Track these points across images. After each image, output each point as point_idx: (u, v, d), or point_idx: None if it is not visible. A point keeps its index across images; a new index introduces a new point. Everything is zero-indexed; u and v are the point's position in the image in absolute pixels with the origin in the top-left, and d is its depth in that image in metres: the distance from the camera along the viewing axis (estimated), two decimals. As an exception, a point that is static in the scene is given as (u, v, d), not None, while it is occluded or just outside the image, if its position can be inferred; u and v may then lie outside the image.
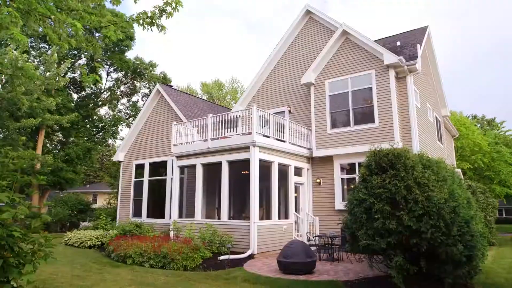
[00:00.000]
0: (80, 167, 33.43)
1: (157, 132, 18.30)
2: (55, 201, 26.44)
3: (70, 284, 7.72)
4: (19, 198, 3.10)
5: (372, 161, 7.19)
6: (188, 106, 18.81)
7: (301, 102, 15.43)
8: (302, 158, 14.03)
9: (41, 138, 28.17)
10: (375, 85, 12.92)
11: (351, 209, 7.33)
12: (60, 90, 29.27)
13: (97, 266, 10.10)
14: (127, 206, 18.78)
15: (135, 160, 19.01)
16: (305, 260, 8.52)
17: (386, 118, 12.49)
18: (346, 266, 9.54)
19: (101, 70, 35.44)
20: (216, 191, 15.38)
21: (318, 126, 14.11)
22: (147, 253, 10.33)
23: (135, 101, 38.29)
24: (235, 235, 11.58)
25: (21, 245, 2.90)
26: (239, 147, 12.08)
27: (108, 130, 35.44)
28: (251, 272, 8.93)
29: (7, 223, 2.81)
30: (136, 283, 7.85)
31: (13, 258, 2.78)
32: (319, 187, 14.03)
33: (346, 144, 13.25)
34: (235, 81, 49.89)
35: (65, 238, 15.69)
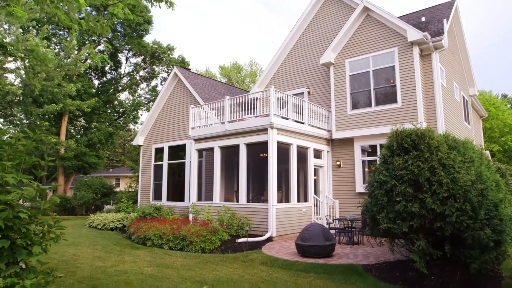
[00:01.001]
0: (103, 151, 34.20)
1: (175, 115, 18.32)
2: (80, 184, 27.14)
3: (91, 265, 7.87)
4: (27, 179, 3.04)
5: (393, 141, 6.88)
6: (206, 89, 18.68)
7: (320, 83, 15.03)
8: (321, 140, 13.74)
9: (64, 123, 28.84)
10: (398, 64, 12.38)
11: (371, 192, 7.09)
12: (81, 76, 29.74)
13: (118, 247, 10.28)
14: (148, 190, 19.04)
15: (155, 144, 19.15)
16: (323, 243, 8.37)
17: (410, 98, 11.99)
18: (366, 249, 9.35)
19: (121, 56, 35.73)
20: (234, 174, 15.35)
21: (338, 107, 13.73)
22: (166, 236, 10.44)
23: (154, 85, 38.58)
24: (254, 218, 11.54)
25: (28, 226, 2.84)
26: (257, 129, 11.90)
27: (128, 115, 35.93)
28: (269, 255, 8.87)
29: (13, 204, 2.74)
30: (154, 265, 7.92)
31: (20, 239, 2.72)
32: (339, 169, 13.75)
33: (367, 125, 12.86)
34: (254, 63, 49.38)
35: (89, 221, 16.11)
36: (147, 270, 7.39)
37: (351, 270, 7.17)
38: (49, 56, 4.83)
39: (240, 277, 6.82)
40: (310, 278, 6.79)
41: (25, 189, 2.84)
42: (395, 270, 6.88)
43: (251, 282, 6.41)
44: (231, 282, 6.42)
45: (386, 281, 6.42)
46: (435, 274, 6.32)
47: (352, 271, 7.11)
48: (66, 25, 4.84)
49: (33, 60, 4.77)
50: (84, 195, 25.52)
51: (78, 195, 25.84)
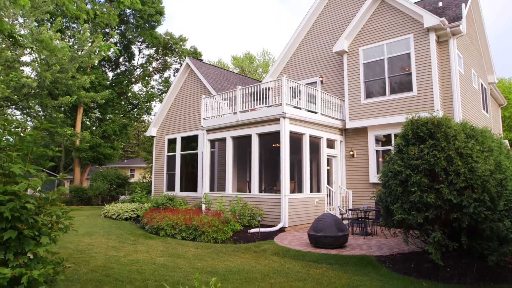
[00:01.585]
0: (117, 143, 34.61)
1: (187, 106, 18.32)
2: (95, 175, 27.55)
3: (104, 254, 7.97)
4: (34, 169, 3.02)
5: (408, 130, 6.68)
6: (218, 79, 18.60)
7: (333, 71, 14.77)
8: (334, 129, 13.54)
9: (79, 115, 29.23)
10: (413, 51, 12.04)
11: (385, 182, 6.93)
12: (95, 68, 30.01)
13: (132, 237, 10.40)
14: (161, 180, 19.20)
15: (167, 135, 19.24)
16: (336, 234, 8.28)
17: (426, 86, 11.67)
18: (380, 240, 9.21)
19: (134, 47, 35.88)
20: (247, 164, 15.32)
21: (352, 96, 13.48)
22: (178, 226, 10.49)
23: (167, 76, 38.65)
24: (266, 208, 11.50)
25: (36, 217, 2.83)
26: (269, 119, 11.79)
27: (142, 106, 36.18)
28: (281, 245, 8.83)
29: (20, 194, 2.73)
30: (166, 255, 7.97)
31: (28, 230, 2.71)
32: (353, 159, 13.56)
33: (381, 114, 12.60)
34: (267, 53, 48.96)
35: (104, 211, 16.34)
36: (159, 259, 7.44)
37: (364, 261, 7.08)
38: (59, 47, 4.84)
39: (252, 268, 6.80)
40: (323, 269, 6.72)
41: (31, 180, 2.82)
42: (409, 262, 6.75)
43: (263, 273, 6.38)
44: (243, 272, 6.40)
45: (400, 273, 6.30)
46: (451, 266, 6.17)
47: (365, 262, 7.01)
48: (74, 14, 4.80)
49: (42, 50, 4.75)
50: (99, 186, 25.91)
51: (94, 185, 26.25)
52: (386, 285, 5.63)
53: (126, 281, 5.73)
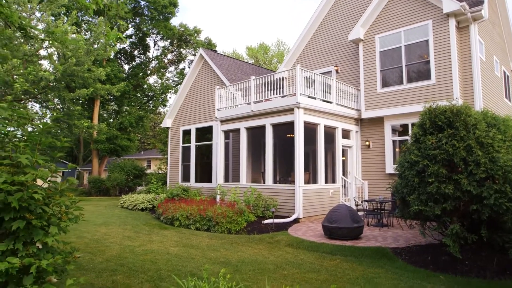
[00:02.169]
0: (134, 134, 35.06)
1: (201, 97, 18.31)
2: (113, 167, 28.00)
3: (120, 244, 8.07)
4: (43, 160, 3.02)
5: (426, 119, 6.47)
6: (232, 70, 18.49)
7: (349, 60, 14.46)
8: (350, 119, 13.31)
9: (96, 108, 29.66)
10: (432, 37, 11.64)
11: (401, 172, 6.75)
12: (110, 61, 30.30)
13: (147, 227, 10.51)
14: (176, 171, 19.35)
15: (182, 126, 19.32)
16: (351, 225, 8.16)
17: (445, 74, 11.30)
18: (396, 232, 9.05)
19: (149, 40, 36.03)
20: (261, 155, 15.26)
21: (368, 85, 13.18)
22: (193, 216, 10.55)
23: (182, 68, 38.78)
24: (280, 199, 11.44)
25: (44, 207, 2.83)
26: (283, 109, 11.66)
27: (157, 98, 36.44)
28: (295, 236, 8.77)
29: (28, 185, 2.72)
30: (180, 245, 8.01)
31: (36, 220, 2.71)
32: (369, 150, 13.32)
33: (398, 104, 12.29)
34: (281, 43, 48.51)
35: (121, 201, 16.61)
36: (173, 250, 7.49)
37: (380, 253, 6.95)
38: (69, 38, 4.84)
39: (265, 259, 6.76)
40: (337, 260, 6.63)
41: (39, 170, 2.82)
42: (426, 254, 6.59)
43: (276, 264, 6.34)
44: (255, 263, 6.38)
45: (416, 265, 6.15)
46: (470, 259, 5.99)
47: (380, 254, 6.89)
48: (84, 5, 4.78)
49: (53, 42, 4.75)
50: (117, 177, 26.34)
51: (111, 176, 26.70)
52: (402, 278, 5.50)
53: (140, 271, 5.78)
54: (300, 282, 5.27)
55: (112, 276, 5.47)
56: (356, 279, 5.42)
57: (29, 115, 2.95)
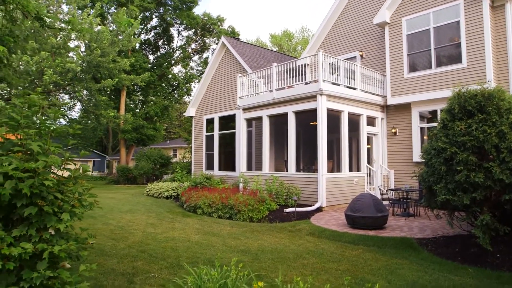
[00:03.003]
0: (160, 124, 35.62)
1: (224, 86, 18.27)
2: (140, 156, 28.63)
3: (143, 231, 8.21)
4: (54, 147, 3.02)
5: (455, 104, 6.11)
6: (254, 57, 18.30)
7: (374, 45, 13.95)
8: (375, 106, 12.89)
9: (123, 98, 30.27)
10: (463, 18, 11.01)
11: (428, 160, 6.45)
12: (135, 52, 30.74)
13: (170, 215, 10.66)
14: (200, 160, 19.51)
15: (205, 115, 19.39)
16: (375, 214, 7.93)
17: (477, 56, 10.68)
18: (422, 222, 8.74)
19: (172, 30, 36.24)
20: (284, 143, 15.10)
21: (394, 70, 12.69)
22: (215, 204, 10.59)
23: (206, 57, 38.84)
24: (303, 188, 11.30)
25: (57, 194, 2.84)
26: (306, 96, 11.43)
27: (181, 87, 36.76)
28: (317, 225, 8.63)
29: (40, 171, 2.73)
30: (201, 232, 8.06)
31: (48, 206, 2.72)
32: (395, 137, 12.89)
33: (426, 89, 11.77)
34: (305, 30, 47.65)
35: (147, 190, 16.95)
36: (194, 237, 7.54)
37: (404, 244, 6.72)
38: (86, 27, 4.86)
39: (285, 247, 6.69)
40: (359, 250, 6.47)
41: (50, 157, 2.82)
42: (454, 246, 6.31)
43: (296, 253, 6.25)
44: (275, 252, 6.31)
45: (443, 257, 5.90)
46: (501, 252, 5.67)
47: (405, 245, 6.66)
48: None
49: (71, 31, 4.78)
50: (144, 166, 26.93)
51: (138, 165, 27.33)
52: (427, 270, 5.29)
53: (160, 258, 5.84)
54: (320, 272, 5.16)
55: (133, 262, 5.55)
56: (378, 270, 5.25)
57: (40, 103, 2.94)
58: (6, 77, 4.77)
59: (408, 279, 4.85)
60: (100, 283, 4.61)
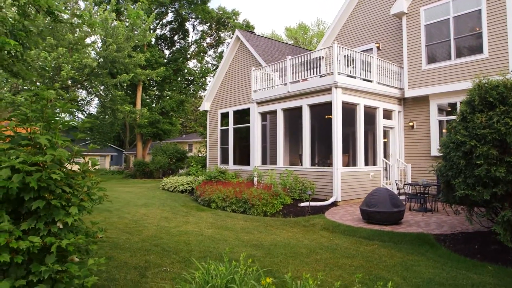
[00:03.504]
0: (176, 118, 35.89)
1: (238, 79, 18.20)
2: (156, 150, 28.92)
3: (157, 224, 8.26)
4: (63, 141, 3.02)
5: (475, 95, 5.88)
6: (269, 51, 18.14)
7: (391, 36, 13.61)
8: (392, 99, 12.61)
9: (139, 93, 30.56)
10: (485, 6, 10.60)
11: (446, 154, 6.25)
12: (151, 47, 30.93)
13: (184, 209, 10.71)
14: (215, 154, 19.55)
15: (220, 109, 19.38)
16: (391, 209, 7.76)
17: (499, 46, 10.28)
18: (440, 218, 8.51)
19: (188, 24, 36.31)
20: (299, 137, 14.96)
21: (411, 62, 12.36)
22: (229, 198, 10.58)
23: (221, 51, 38.82)
24: (317, 182, 11.18)
25: (65, 187, 2.83)
26: (320, 89, 11.26)
27: (197, 82, 36.86)
28: (332, 220, 8.52)
29: (47, 165, 2.73)
30: (215, 227, 8.06)
31: (55, 200, 2.71)
32: (412, 131, 12.59)
33: (445, 81, 11.43)
34: (321, 22, 47.02)
35: (162, 183, 17.09)
36: (207, 231, 7.54)
37: (421, 240, 6.55)
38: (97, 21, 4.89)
39: (299, 242, 6.61)
40: (374, 246, 6.34)
41: (57, 151, 2.81)
42: (473, 242, 6.11)
43: (309, 248, 6.17)
44: (288, 247, 6.24)
45: (461, 254, 5.72)
46: (523, 248, 5.46)
47: (421, 241, 6.49)
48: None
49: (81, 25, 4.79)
50: (160, 160, 27.20)
51: (155, 160, 27.62)
52: (445, 267, 5.13)
53: (172, 252, 5.85)
54: (333, 267, 5.07)
55: (145, 256, 5.58)
56: (394, 267, 5.13)
57: (47, 96, 2.94)
58: (20, 71, 4.81)
59: (424, 276, 4.72)
60: (112, 276, 4.64)
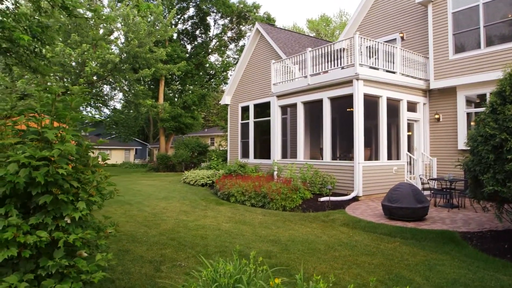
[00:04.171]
0: (197, 112, 36.13)
1: (259, 73, 18.04)
2: (178, 144, 29.20)
3: (175, 218, 8.29)
4: (73, 135, 2.99)
5: (506, 85, 5.52)
6: (289, 43, 17.87)
7: (416, 26, 13.08)
8: (416, 91, 12.15)
9: (161, 88, 30.90)
10: (519, -9, 9.99)
11: (473, 148, 5.91)
12: (173, 42, 31.15)
13: (204, 203, 10.73)
14: (236, 148, 19.53)
15: (240, 103, 19.31)
16: (414, 205, 7.47)
17: (534, 33, 9.68)
18: (467, 214, 8.14)
19: (209, 19, 36.34)
20: (320, 131, 14.70)
21: (438, 51, 11.84)
22: (248, 192, 10.52)
23: (242, 45, 38.68)
24: (338, 176, 10.95)
25: (73, 182, 2.80)
26: (341, 81, 10.97)
27: (218, 76, 36.92)
28: (352, 215, 8.30)
29: (55, 159, 2.70)
30: (233, 221, 8.00)
31: (62, 195, 2.69)
32: (438, 124, 12.11)
33: (474, 71, 10.89)
34: (344, 14, 46.04)
35: (183, 177, 17.24)
36: (225, 226, 7.49)
37: (446, 237, 6.26)
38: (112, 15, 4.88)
39: (317, 238, 6.46)
40: (395, 243, 6.11)
41: (65, 145, 2.78)
42: (502, 241, 5.78)
43: (327, 244, 6.01)
44: (306, 243, 6.10)
45: (489, 253, 5.42)
46: (558, 249, 5.11)
47: (446, 238, 6.20)
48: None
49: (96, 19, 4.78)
50: (182, 154, 27.47)
51: (177, 153, 27.92)
52: (471, 267, 4.86)
53: (188, 246, 5.83)
54: (351, 265, 4.90)
55: (161, 250, 5.58)
56: (416, 266, 4.91)
57: (54, 89, 2.91)
58: (37, 67, 4.86)
59: (449, 277, 4.48)
60: (127, 270, 4.65)
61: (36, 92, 2.85)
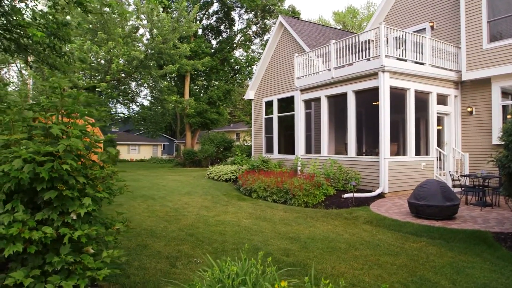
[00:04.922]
0: (223, 108, 36.28)
1: (282, 67, 17.80)
2: (204, 139, 29.43)
3: (196, 213, 8.29)
4: (80, 130, 2.95)
5: (545, 74, 5.08)
6: (313, 36, 17.49)
7: (446, 13, 12.43)
8: (447, 83, 11.56)
9: (187, 83, 31.18)
10: (561, -27, 9.25)
11: (508, 142, 5.51)
12: (197, 37, 31.33)
13: (226, 198, 10.69)
14: (260, 143, 19.42)
15: (264, 97, 19.14)
16: (442, 203, 7.10)
17: None
18: (502, 213, 7.66)
19: (233, 14, 36.29)
20: (345, 125, 14.33)
21: (471, 40, 11.20)
22: (270, 188, 10.39)
23: (266, 39, 38.38)
24: (363, 172, 10.62)
25: (79, 178, 2.76)
26: (366, 74, 10.60)
27: (243, 71, 36.86)
28: (377, 213, 8.01)
29: (60, 155, 2.67)
30: (253, 217, 7.90)
31: (67, 191, 2.65)
32: (470, 117, 11.49)
33: (510, 61, 10.22)
34: (371, 5, 44.73)
35: (208, 172, 17.32)
36: (244, 222, 7.40)
37: (477, 238, 5.89)
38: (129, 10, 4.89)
39: (338, 236, 6.25)
40: (421, 243, 5.81)
41: (70, 140, 2.74)
42: (539, 242, 5.37)
43: (349, 243, 5.79)
44: (326, 241, 5.91)
45: (524, 255, 5.04)
46: None
47: (477, 239, 5.84)
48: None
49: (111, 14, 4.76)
50: (207, 149, 27.65)
51: (202, 149, 28.15)
52: (504, 271, 4.52)
53: (206, 242, 5.77)
54: (372, 265, 4.68)
55: (179, 246, 5.55)
56: (442, 268, 4.62)
57: (60, 84, 2.87)
58: (56, 64, 4.91)
59: (478, 281, 4.18)
60: (143, 265, 4.64)
61: (43, 87, 2.82)
